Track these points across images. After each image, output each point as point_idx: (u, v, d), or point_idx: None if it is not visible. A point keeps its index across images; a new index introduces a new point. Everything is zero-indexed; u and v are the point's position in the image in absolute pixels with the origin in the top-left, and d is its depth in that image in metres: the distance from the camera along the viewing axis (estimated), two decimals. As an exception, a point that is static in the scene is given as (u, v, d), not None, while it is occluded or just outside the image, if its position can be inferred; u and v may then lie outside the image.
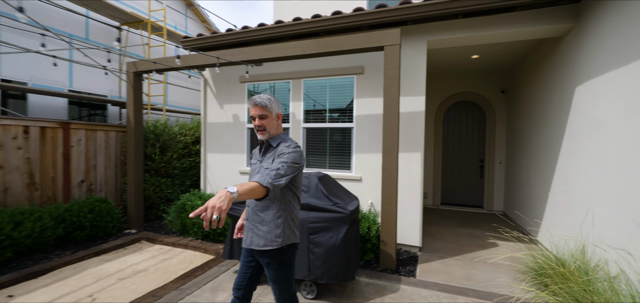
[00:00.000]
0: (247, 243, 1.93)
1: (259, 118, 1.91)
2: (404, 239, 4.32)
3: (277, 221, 1.87)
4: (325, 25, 4.36)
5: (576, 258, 2.84)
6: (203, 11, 10.06)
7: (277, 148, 1.92)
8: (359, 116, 4.58)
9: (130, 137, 5.36)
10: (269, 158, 1.92)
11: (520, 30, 3.83)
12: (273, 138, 1.97)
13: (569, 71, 3.82)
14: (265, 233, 1.86)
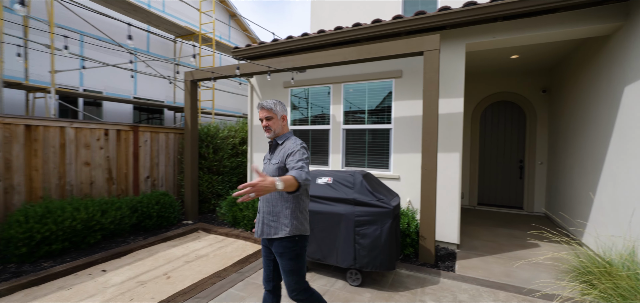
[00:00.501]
0: (258, 233, 2.15)
1: (265, 119, 2.15)
2: (442, 236, 4.48)
3: (285, 212, 2.05)
4: (365, 33, 4.65)
5: (625, 259, 2.86)
6: (244, 21, 10.76)
7: (283, 146, 2.13)
8: (397, 117, 4.81)
9: (187, 138, 6.01)
10: (277, 155, 2.13)
11: (564, 30, 3.85)
12: (279, 136, 2.19)
13: (618, 70, 3.77)
14: (275, 223, 2.06)
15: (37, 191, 4.52)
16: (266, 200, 2.12)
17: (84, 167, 5.06)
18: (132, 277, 3.68)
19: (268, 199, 2.11)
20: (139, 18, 7.22)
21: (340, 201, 3.34)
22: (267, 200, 2.12)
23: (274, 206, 2.08)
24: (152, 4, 7.95)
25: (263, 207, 2.14)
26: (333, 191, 3.42)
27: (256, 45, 5.63)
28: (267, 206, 2.11)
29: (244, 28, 11.10)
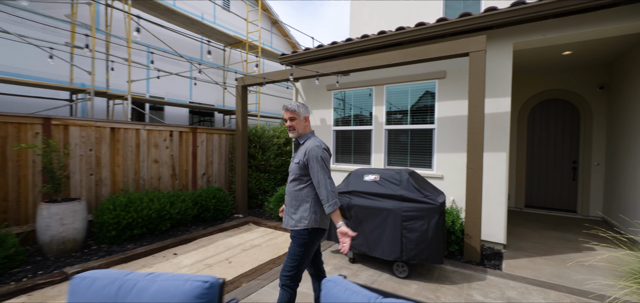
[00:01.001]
0: (284, 223, 2.38)
1: (289, 119, 2.33)
2: (488, 236, 4.48)
3: (305, 206, 2.25)
4: (408, 36, 4.80)
5: None
6: (285, 27, 11.28)
7: (304, 145, 2.31)
8: (440, 117, 4.89)
9: (238, 139, 6.55)
10: (298, 154, 2.32)
11: (625, 25, 3.71)
12: (301, 136, 2.35)
13: (685, 65, 3.56)
14: (295, 215, 2.28)
15: (118, 184, 5.26)
16: (288, 195, 2.36)
17: (154, 164, 5.77)
18: (199, 260, 4.19)
19: (289, 193, 2.35)
20: (195, 30, 7.96)
21: (387, 197, 3.55)
22: (289, 194, 2.35)
23: (294, 200, 2.30)
24: (205, 17, 8.70)
25: (287, 201, 2.37)
26: (380, 187, 3.63)
27: (302, 51, 6.00)
28: (289, 201, 2.34)
29: (285, 34, 11.63)
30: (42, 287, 3.34)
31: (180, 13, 7.05)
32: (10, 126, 4.14)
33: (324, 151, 2.23)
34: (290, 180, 2.36)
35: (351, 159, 5.88)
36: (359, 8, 8.23)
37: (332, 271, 3.72)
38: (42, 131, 4.40)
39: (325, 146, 2.28)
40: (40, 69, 5.96)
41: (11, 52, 5.61)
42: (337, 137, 6.10)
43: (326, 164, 2.21)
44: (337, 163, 6.07)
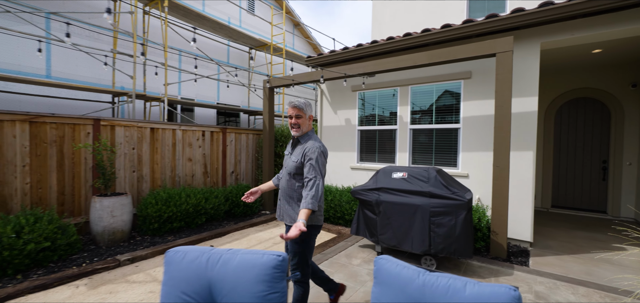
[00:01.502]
0: (280, 217, 2.41)
1: (295, 117, 2.31)
2: (514, 234, 4.53)
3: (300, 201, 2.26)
4: (434, 38, 4.91)
5: None
6: (306, 29, 11.54)
7: (304, 145, 2.29)
8: (465, 117, 4.97)
9: (265, 138, 6.83)
10: (297, 152, 2.31)
11: (654, 24, 3.69)
12: (303, 136, 2.35)
13: None
14: (291, 211, 2.31)
15: (157, 181, 5.65)
16: (283, 192, 2.37)
17: (188, 162, 6.13)
18: (235, 252, 4.47)
19: (284, 190, 2.36)
20: (222, 34, 8.34)
21: (415, 194, 3.70)
22: (284, 191, 2.36)
23: (290, 196, 2.32)
24: (231, 21, 9.07)
25: (282, 197, 2.39)
26: (408, 184, 3.78)
27: (328, 53, 6.21)
28: (284, 196, 2.36)
29: (306, 35, 11.89)
30: (100, 271, 3.70)
31: (210, 18, 7.42)
32: (67, 126, 4.58)
33: (321, 154, 2.24)
34: (286, 176, 2.37)
35: (376, 158, 6.03)
36: (381, 9, 8.35)
37: (361, 264, 3.90)
38: (93, 131, 4.82)
39: (324, 149, 2.31)
40: (86, 73, 6.46)
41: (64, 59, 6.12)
42: (361, 136, 6.26)
43: (321, 167, 2.22)
44: (361, 162, 6.24)
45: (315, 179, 2.15)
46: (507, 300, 1.12)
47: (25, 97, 5.83)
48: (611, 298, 3.06)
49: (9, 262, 3.40)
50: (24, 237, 3.48)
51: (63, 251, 3.87)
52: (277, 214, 2.45)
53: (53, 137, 4.44)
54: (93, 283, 3.42)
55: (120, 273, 3.71)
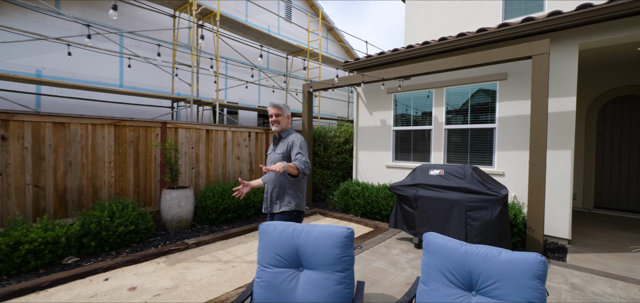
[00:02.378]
0: (268, 209, 2.64)
1: (275, 115, 2.64)
2: (552, 231, 4.62)
3: (289, 192, 2.58)
4: (469, 42, 5.11)
5: None
6: (339, 33, 11.95)
7: (286, 139, 2.63)
8: (501, 117, 5.11)
9: (304, 138, 7.32)
10: (281, 146, 2.62)
11: (701, 22, 3.67)
12: (283, 131, 2.68)
13: None
14: (279, 200, 2.58)
15: (211, 177, 6.33)
16: (273, 182, 2.61)
17: (236, 160, 6.79)
18: (283, 240, 4.99)
19: (274, 181, 2.60)
20: (263, 42, 8.98)
21: (452, 189, 3.97)
22: (274, 181, 2.60)
23: (279, 187, 2.59)
24: (270, 29, 9.71)
25: (270, 187, 2.64)
26: (445, 180, 4.06)
27: (364, 58, 6.58)
28: (273, 187, 2.61)
29: (339, 39, 12.31)
30: (173, 252, 4.36)
31: (253, 28, 8.06)
32: (141, 129, 5.35)
33: (304, 142, 2.61)
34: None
35: (410, 157, 6.30)
36: (414, 11, 8.53)
37: (399, 253, 4.24)
38: (161, 133, 5.57)
39: (304, 140, 2.66)
40: (149, 82, 7.35)
41: (133, 71, 7.04)
42: (396, 136, 6.56)
43: (306, 151, 2.57)
44: (396, 161, 6.54)
45: (304, 156, 2.49)
46: (534, 261, 1.45)
47: (103, 104, 6.79)
48: (650, 292, 3.16)
49: (105, 241, 4.15)
50: (115, 221, 4.22)
51: (143, 235, 4.59)
52: (265, 207, 2.68)
53: (131, 138, 5.23)
54: (170, 261, 4.07)
55: (190, 254, 4.35)
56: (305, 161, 2.48)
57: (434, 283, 1.69)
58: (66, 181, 4.57)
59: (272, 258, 1.87)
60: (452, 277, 1.65)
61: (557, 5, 5.99)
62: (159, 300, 3.07)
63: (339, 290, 1.73)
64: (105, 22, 6.61)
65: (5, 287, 3.16)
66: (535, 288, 1.42)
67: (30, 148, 4.27)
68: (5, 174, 4.09)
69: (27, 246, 3.48)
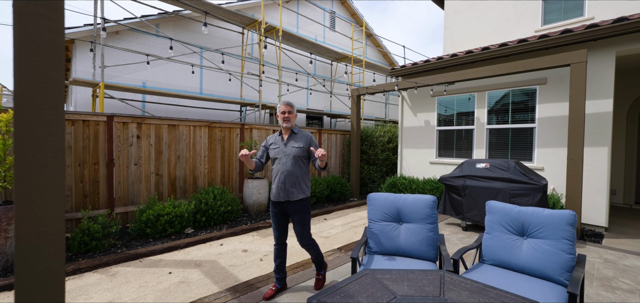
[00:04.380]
0: (282, 198, 2.79)
1: (288, 113, 2.85)
2: (589, 220, 5.16)
3: (305, 180, 2.88)
4: (510, 51, 5.74)
5: None
6: (378, 38, 12.72)
7: (300, 135, 2.87)
8: (540, 117, 5.69)
9: (353, 138, 8.22)
10: (298, 140, 2.84)
11: None
12: (295, 128, 2.92)
13: None
14: (296, 189, 2.80)
15: (276, 170, 7.40)
16: (289, 174, 2.79)
17: (295, 156, 7.81)
18: (345, 224, 5.91)
19: (291, 172, 2.79)
20: (313, 51, 9.99)
21: (497, 180, 4.68)
22: (290, 173, 2.79)
23: (296, 177, 2.80)
24: (317, 38, 10.71)
25: (286, 179, 2.79)
26: (490, 172, 4.78)
27: (410, 65, 7.35)
28: (290, 178, 2.79)
29: (377, 44, 13.08)
30: (261, 228, 5.42)
31: (306, 40, 9.08)
32: (226, 129, 6.50)
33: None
34: (292, 160, 2.81)
35: (453, 154, 6.99)
36: (452, 17, 9.13)
37: (450, 235, 5.00)
38: (240, 133, 6.70)
39: None
40: (221, 89, 8.60)
41: (209, 80, 8.31)
42: (439, 136, 7.27)
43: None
44: (439, 157, 7.25)
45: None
46: (568, 213, 2.23)
47: (187, 108, 8.11)
48: (676, 266, 3.71)
49: (211, 217, 5.29)
50: (218, 202, 5.35)
51: (235, 215, 5.71)
52: (278, 196, 2.81)
53: (219, 137, 6.39)
54: (261, 235, 5.11)
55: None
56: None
57: (496, 232, 2.52)
58: (176, 171, 5.79)
59: (381, 215, 2.78)
60: (509, 227, 2.46)
61: (597, 6, 6.43)
62: (268, 259, 4.09)
63: (430, 236, 2.60)
64: (189, 40, 7.91)
65: (157, 246, 4.34)
66: (568, 230, 2.20)
67: (153, 145, 5.52)
68: (138, 165, 5.35)
69: (165, 217, 4.66)
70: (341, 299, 1.61)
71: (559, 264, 2.15)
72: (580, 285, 2.01)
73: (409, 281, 1.82)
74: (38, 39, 1.52)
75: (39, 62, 1.51)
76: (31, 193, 1.51)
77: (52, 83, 1.50)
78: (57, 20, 1.54)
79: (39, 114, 1.50)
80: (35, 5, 1.52)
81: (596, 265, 3.76)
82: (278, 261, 2.97)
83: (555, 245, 2.21)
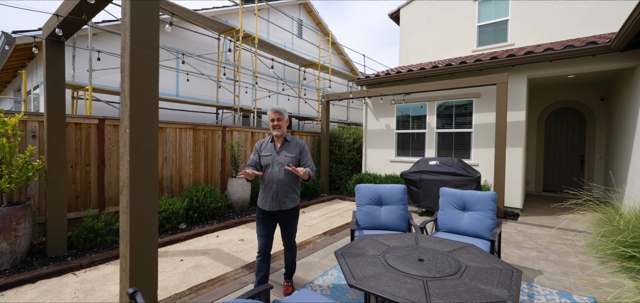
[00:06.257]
0: (274, 207, 2.74)
1: (277, 120, 2.78)
2: (510, 203, 6.69)
3: (296, 189, 2.88)
4: (454, 69, 7.10)
5: (632, 209, 4.80)
6: (341, 47, 13.79)
7: (291, 142, 2.87)
8: (476, 124, 7.14)
9: (323, 139, 9.10)
10: (290, 150, 2.82)
11: (600, 67, 5.81)
12: (286, 135, 2.89)
13: (638, 91, 5.61)
14: (288, 199, 2.79)
15: (254, 169, 7.98)
16: (282, 183, 2.75)
17: (271, 156, 8.46)
18: (322, 215, 6.76)
19: (284, 182, 2.76)
20: (282, 57, 10.65)
21: (445, 174, 5.91)
22: (283, 183, 2.76)
23: (289, 187, 2.80)
24: (286, 45, 11.39)
25: (279, 189, 2.75)
26: (440, 168, 6.00)
27: (373, 76, 8.45)
28: (283, 188, 2.76)
29: (340, 52, 14.15)
30: (249, 221, 6.02)
31: (277, 46, 9.73)
32: (209, 131, 6.93)
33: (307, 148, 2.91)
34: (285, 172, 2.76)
35: (410, 153, 8.25)
36: (407, 34, 10.54)
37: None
38: (222, 135, 7.17)
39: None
40: (197, 92, 8.85)
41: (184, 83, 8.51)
42: (398, 138, 8.48)
43: (309, 156, 2.91)
44: (398, 157, 8.46)
45: (312, 163, 2.86)
46: (491, 193, 3.34)
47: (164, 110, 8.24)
48: (562, 233, 5.23)
49: (202, 213, 5.76)
50: (208, 199, 5.83)
51: (222, 211, 6.22)
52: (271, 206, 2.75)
53: (203, 139, 6.80)
54: (250, 227, 5.73)
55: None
56: (314, 168, 2.84)
57: (446, 209, 3.56)
58: (163, 171, 6.11)
59: (367, 200, 3.68)
60: (455, 205, 3.52)
61: (517, 36, 8.16)
62: (266, 243, 4.77)
63: (403, 214, 3.56)
64: (166, 43, 8.07)
65: (158, 240, 4.74)
66: (492, 205, 3.31)
67: (142, 146, 5.79)
68: (128, 166, 5.60)
69: (163, 214, 5.06)
70: (357, 250, 2.45)
71: (485, 226, 3.25)
72: (498, 237, 3.10)
73: (395, 239, 2.72)
74: (145, 74, 2.18)
75: (146, 92, 2.17)
76: (141, 183, 2.14)
77: (153, 107, 2.14)
78: (155, 61, 2.19)
79: (146, 128, 2.14)
80: (144, 48, 2.16)
81: (512, 234, 5.13)
82: (260, 274, 2.81)
83: (483, 214, 3.31)
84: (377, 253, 2.41)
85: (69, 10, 3.34)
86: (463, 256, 2.36)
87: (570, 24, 7.74)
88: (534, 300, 2.92)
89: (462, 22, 9.34)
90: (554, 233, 5.20)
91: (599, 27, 7.38)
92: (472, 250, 2.48)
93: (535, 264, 3.85)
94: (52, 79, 4.12)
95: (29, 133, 4.58)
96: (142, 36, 2.17)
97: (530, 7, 8.23)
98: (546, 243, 4.67)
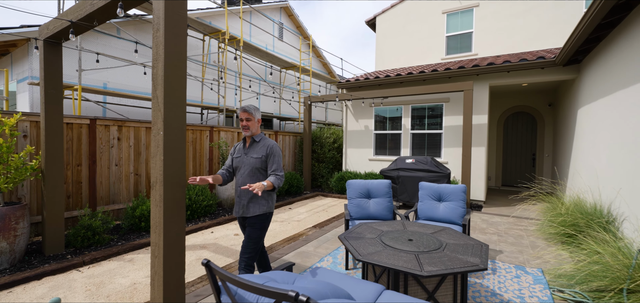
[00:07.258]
0: (238, 212, 2.62)
1: (246, 119, 2.60)
2: (475, 197, 7.54)
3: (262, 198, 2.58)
4: (426, 76, 7.83)
5: (571, 198, 5.74)
6: (320, 50, 14.26)
7: (260, 142, 2.65)
8: (446, 126, 7.93)
9: (305, 139, 9.51)
10: (257, 150, 2.61)
11: (548, 78, 6.78)
12: (256, 135, 2.67)
13: (576, 99, 6.64)
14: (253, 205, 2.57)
15: (240, 168, 8.22)
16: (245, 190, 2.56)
17: (256, 156, 8.73)
18: (308, 211, 7.18)
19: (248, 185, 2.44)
20: (266, 59, 10.90)
21: (420, 171, 6.58)
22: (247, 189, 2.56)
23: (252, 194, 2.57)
24: (268, 47, 11.64)
25: (242, 193, 2.60)
26: (415, 165, 6.66)
27: (353, 80, 9.00)
28: (246, 192, 2.58)
29: (319, 55, 14.61)
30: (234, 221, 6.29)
31: (260, 49, 9.99)
32: (198, 131, 7.08)
33: (279, 152, 2.64)
34: (247, 173, 2.60)
35: (386, 152, 8.90)
36: (382, 41, 11.24)
37: (388, 212, 6.73)
38: (209, 134, 7.34)
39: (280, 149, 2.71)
40: (179, 92, 8.87)
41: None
42: (376, 138, 9.11)
43: (279, 162, 2.62)
44: (376, 155, 9.09)
45: (280, 170, 2.58)
46: (462, 186, 3.96)
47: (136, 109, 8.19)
48: (518, 220, 6.09)
49: (195, 211, 5.96)
50: (200, 198, 6.03)
51: (214, 209, 6.43)
52: (237, 211, 2.63)
53: (191, 138, 6.95)
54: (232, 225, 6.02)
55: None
56: (282, 175, 2.57)
57: (425, 200, 4.15)
58: (154, 171, 6.20)
59: (357, 194, 4.17)
60: (432, 196, 4.12)
61: (480, 47, 9.10)
62: (261, 237, 5.11)
63: (389, 205, 4.09)
64: (149, 42, 8.04)
65: (156, 236, 4.92)
66: (463, 196, 3.94)
67: (133, 146, 5.86)
68: (119, 166, 5.66)
69: (158, 211, 5.21)
70: (357, 235, 2.92)
71: (458, 214, 3.87)
72: (468, 222, 3.72)
73: (386, 225, 3.23)
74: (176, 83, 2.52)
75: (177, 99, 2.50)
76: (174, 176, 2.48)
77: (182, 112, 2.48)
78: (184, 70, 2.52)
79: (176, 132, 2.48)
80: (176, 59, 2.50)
81: (477, 222, 5.89)
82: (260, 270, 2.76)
83: (456, 204, 3.92)
84: (373, 236, 2.90)
85: (82, 15, 3.48)
86: (443, 236, 2.91)
87: (524, 38, 8.79)
88: (497, 273, 3.57)
89: (432, 32, 10.18)
90: (511, 221, 6.04)
91: (548, 42, 8.48)
92: (449, 232, 3.05)
93: (497, 246, 4.57)
94: (50, 80, 4.18)
95: (20, 133, 4.56)
96: (174, 49, 2.48)
97: (491, 22, 9.22)
98: (505, 229, 5.45)
